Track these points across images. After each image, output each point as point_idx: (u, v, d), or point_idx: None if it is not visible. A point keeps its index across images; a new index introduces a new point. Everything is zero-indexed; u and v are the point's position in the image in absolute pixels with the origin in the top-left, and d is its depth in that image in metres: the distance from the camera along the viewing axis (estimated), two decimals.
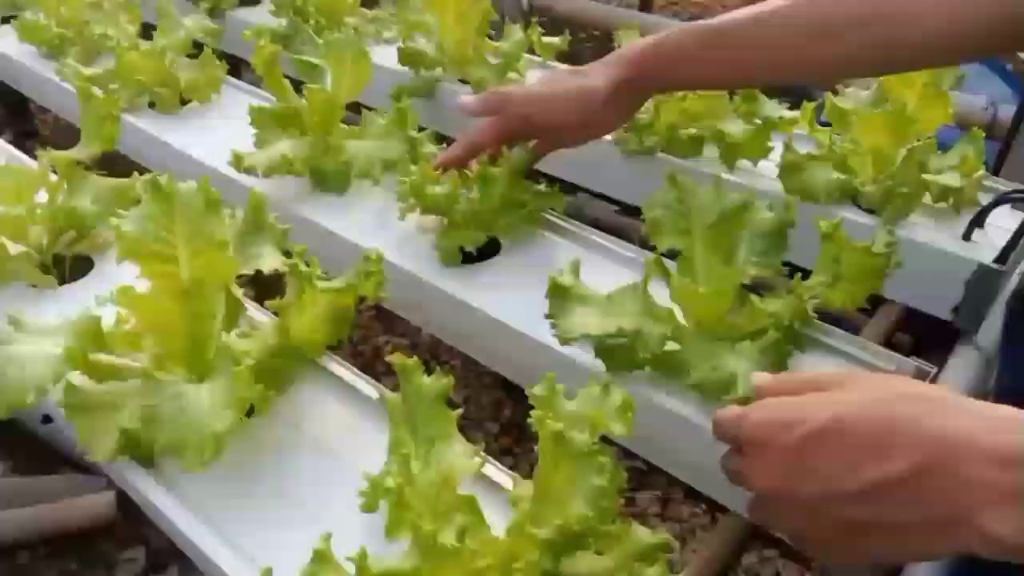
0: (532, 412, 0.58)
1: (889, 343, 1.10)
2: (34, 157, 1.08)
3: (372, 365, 1.90)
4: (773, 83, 1.10)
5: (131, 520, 1.34)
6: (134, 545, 1.39)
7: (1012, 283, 0.95)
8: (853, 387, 0.53)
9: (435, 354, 2.00)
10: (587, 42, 1.53)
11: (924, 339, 1.25)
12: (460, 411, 0.66)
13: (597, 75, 0.93)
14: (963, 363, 0.96)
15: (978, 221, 1.00)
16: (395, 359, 0.65)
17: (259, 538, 0.66)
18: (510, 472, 0.66)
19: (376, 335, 2.01)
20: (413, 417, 0.64)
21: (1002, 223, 1.03)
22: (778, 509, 0.55)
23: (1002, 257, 0.95)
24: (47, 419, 1.15)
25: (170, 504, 0.68)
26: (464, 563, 0.51)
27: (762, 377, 0.63)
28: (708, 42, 0.88)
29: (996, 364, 0.94)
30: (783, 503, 0.53)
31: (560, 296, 0.76)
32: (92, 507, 1.32)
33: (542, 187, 1.07)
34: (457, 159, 1.02)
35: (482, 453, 0.65)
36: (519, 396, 0.97)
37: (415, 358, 0.65)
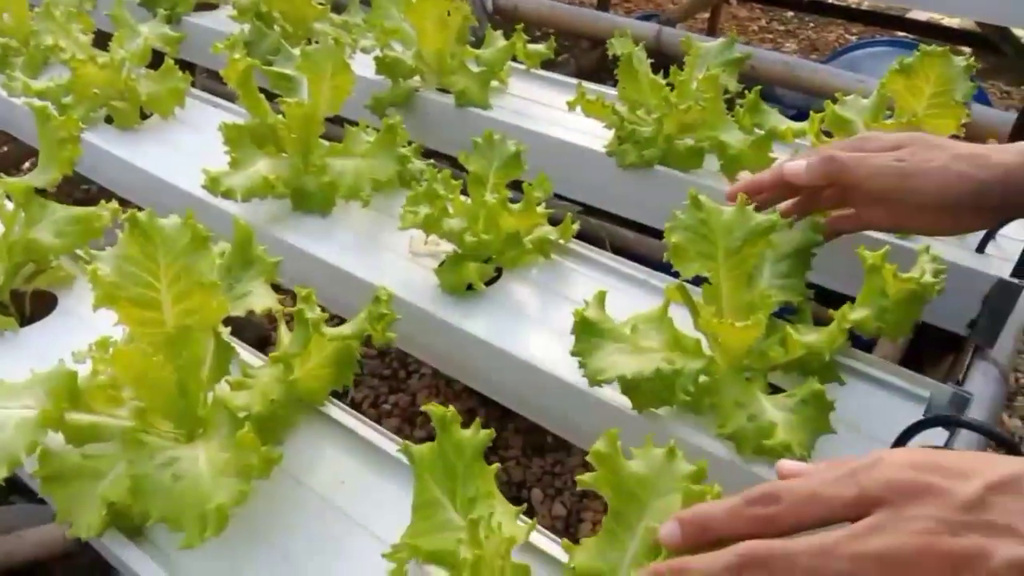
0: (590, 475, 0.53)
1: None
2: None
3: None
4: None
5: (90, 549, 1.24)
6: None
7: None
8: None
9: (404, 363, 1.93)
10: (541, 39, 1.47)
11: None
12: (498, 465, 0.60)
13: (1003, 156, 0.72)
14: (983, 379, 0.93)
15: (992, 234, 0.97)
16: (431, 408, 0.59)
17: None
18: (554, 537, 0.60)
19: None
20: (451, 474, 0.58)
21: (1014, 234, 1.01)
22: None
23: (1019, 271, 0.92)
24: None
25: None
26: None
27: (788, 467, 0.54)
28: None
29: (1010, 378, 0.91)
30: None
31: (587, 332, 0.70)
32: (46, 538, 1.22)
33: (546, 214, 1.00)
34: (756, 190, 0.85)
35: (523, 517, 0.59)
36: (492, 404, 0.92)
37: (451, 408, 0.59)
